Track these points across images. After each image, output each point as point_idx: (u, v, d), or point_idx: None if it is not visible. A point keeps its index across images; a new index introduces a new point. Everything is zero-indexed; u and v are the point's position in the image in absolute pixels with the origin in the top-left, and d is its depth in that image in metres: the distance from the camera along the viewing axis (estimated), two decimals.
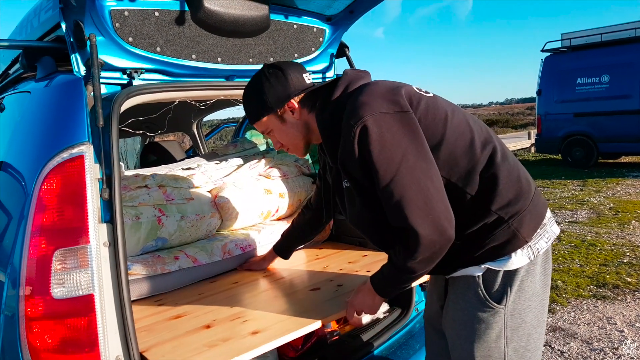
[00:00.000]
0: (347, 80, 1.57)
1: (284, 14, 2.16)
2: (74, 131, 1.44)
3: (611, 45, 10.95)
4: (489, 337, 1.51)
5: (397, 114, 1.41)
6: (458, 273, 1.55)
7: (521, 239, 1.47)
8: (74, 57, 1.66)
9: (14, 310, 1.34)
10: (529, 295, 1.51)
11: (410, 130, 1.41)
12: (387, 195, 1.39)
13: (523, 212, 1.48)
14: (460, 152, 1.46)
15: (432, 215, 1.37)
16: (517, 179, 1.50)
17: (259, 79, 1.62)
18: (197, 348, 1.50)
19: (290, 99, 1.60)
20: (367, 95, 1.45)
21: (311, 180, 2.87)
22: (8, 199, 1.57)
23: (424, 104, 1.49)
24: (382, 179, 1.38)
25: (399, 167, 1.37)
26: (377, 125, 1.38)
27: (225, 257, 2.23)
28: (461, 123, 1.50)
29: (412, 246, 1.39)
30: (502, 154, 1.50)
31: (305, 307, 1.78)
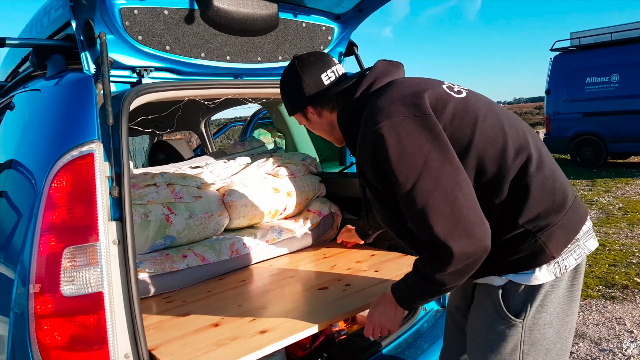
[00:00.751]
0: (374, 77, 1.50)
1: (293, 12, 2.16)
2: (84, 129, 1.45)
3: (621, 45, 10.85)
4: (503, 350, 1.44)
5: (417, 117, 1.33)
6: (480, 280, 1.49)
7: (548, 254, 1.37)
8: (84, 56, 1.66)
9: (23, 308, 1.35)
10: (550, 311, 1.42)
11: (432, 134, 1.31)
12: (410, 205, 1.31)
13: (553, 226, 1.37)
14: (490, 159, 1.36)
15: (462, 224, 1.27)
16: (551, 191, 1.39)
17: (283, 77, 1.63)
18: (206, 347, 1.50)
19: (305, 107, 1.59)
20: (385, 99, 1.38)
21: (318, 179, 2.86)
22: (18, 197, 1.58)
23: (452, 107, 1.39)
24: (403, 187, 1.30)
25: (421, 174, 1.28)
26: (395, 130, 1.30)
27: (233, 256, 2.24)
28: (494, 127, 1.39)
29: (443, 258, 1.29)
30: (537, 162, 1.39)
31: (313, 306, 1.78)
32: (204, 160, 2.76)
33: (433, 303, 2.38)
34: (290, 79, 1.59)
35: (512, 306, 1.42)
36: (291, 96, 1.61)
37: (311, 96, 1.56)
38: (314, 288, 1.98)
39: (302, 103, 1.58)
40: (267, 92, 2.18)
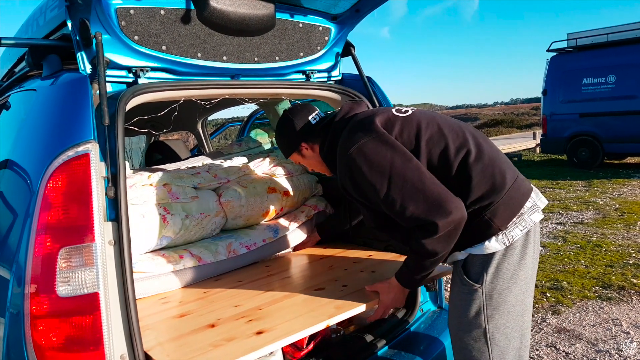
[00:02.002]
0: (344, 112, 1.87)
1: (290, 12, 2.16)
2: (80, 129, 1.44)
3: (617, 46, 10.89)
4: (469, 313, 1.70)
5: (373, 138, 1.66)
6: (448, 259, 1.79)
7: (495, 227, 1.65)
8: (79, 56, 1.66)
9: (19, 308, 1.35)
10: (507, 277, 1.68)
11: (389, 145, 1.65)
12: (390, 204, 1.62)
13: (496, 203, 1.65)
14: (436, 157, 1.68)
15: (436, 202, 1.57)
16: (491, 176, 1.67)
17: (278, 126, 2.01)
18: (202, 347, 1.50)
19: (300, 143, 1.96)
20: (348, 132, 1.74)
21: (315, 178, 2.86)
22: (14, 197, 1.57)
23: (399, 125, 1.72)
24: (380, 192, 1.62)
25: (391, 176, 1.60)
26: (361, 152, 1.64)
27: (230, 256, 2.23)
28: (435, 133, 1.71)
29: (430, 230, 1.57)
30: (476, 155, 1.68)
31: (311, 307, 1.78)
32: (201, 161, 2.76)
33: (430, 304, 2.38)
34: (284, 125, 1.98)
35: (471, 274, 1.71)
36: (287, 138, 1.98)
37: (303, 133, 1.94)
38: (311, 289, 1.98)
39: (297, 140, 1.95)
40: (264, 93, 2.18)
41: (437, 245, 1.60)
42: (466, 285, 1.71)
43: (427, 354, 2.05)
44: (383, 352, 2.03)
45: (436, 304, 2.40)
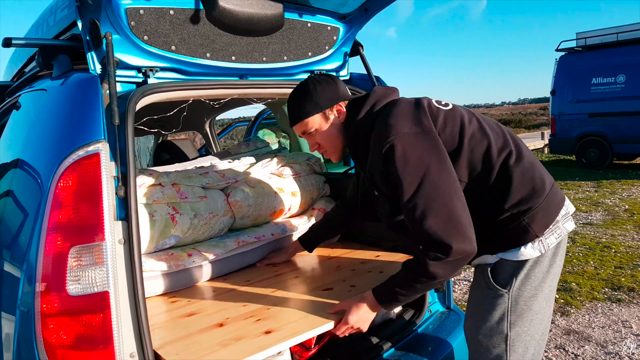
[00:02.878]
0: (375, 99, 1.72)
1: (298, 12, 2.16)
2: (90, 129, 1.45)
3: (627, 45, 10.80)
4: (492, 318, 1.66)
5: (419, 134, 1.55)
6: (476, 261, 1.71)
7: (532, 233, 1.59)
8: (89, 56, 1.67)
9: (29, 307, 1.35)
10: (535, 284, 1.63)
11: (432, 148, 1.54)
12: (411, 208, 1.50)
13: (535, 209, 1.59)
14: (478, 157, 1.60)
15: (456, 225, 1.48)
16: (531, 179, 1.61)
17: (309, 82, 1.76)
18: (210, 347, 1.50)
19: (340, 101, 1.76)
20: (393, 118, 1.59)
21: (323, 179, 2.86)
22: (24, 196, 1.58)
23: (442, 118, 1.63)
24: (407, 191, 1.50)
25: (423, 180, 1.49)
26: (402, 144, 1.51)
27: (240, 244, 2.24)
28: (478, 131, 1.63)
29: (441, 252, 1.47)
30: (516, 157, 1.62)
31: (319, 307, 1.78)
32: (209, 160, 2.77)
33: (438, 304, 2.37)
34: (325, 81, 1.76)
35: (499, 278, 1.65)
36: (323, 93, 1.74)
37: (344, 96, 1.78)
38: (319, 289, 1.98)
39: (333, 98, 1.75)
40: (272, 93, 2.18)
41: (440, 270, 1.50)
42: (492, 290, 1.66)
43: (435, 355, 2.04)
44: (391, 352, 2.02)
45: (444, 305, 2.39)
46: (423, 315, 2.25)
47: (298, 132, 1.80)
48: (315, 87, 1.73)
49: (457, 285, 4.55)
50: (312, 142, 1.81)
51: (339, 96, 1.75)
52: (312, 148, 1.83)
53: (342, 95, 1.76)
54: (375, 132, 1.61)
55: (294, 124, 1.79)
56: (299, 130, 1.80)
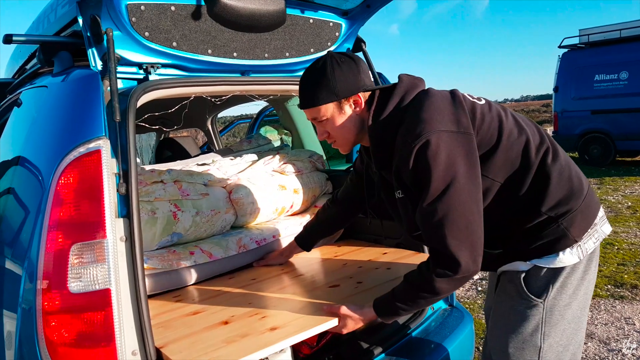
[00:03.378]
0: (404, 90, 1.55)
1: (300, 8, 2.15)
2: (91, 126, 1.44)
3: (630, 42, 10.75)
4: (524, 330, 1.54)
5: (456, 133, 1.42)
6: (505, 267, 1.59)
7: (571, 238, 1.49)
8: (90, 52, 1.66)
9: (31, 304, 1.35)
10: (570, 292, 1.52)
11: (466, 152, 1.42)
12: (430, 213, 1.40)
13: (574, 211, 1.49)
14: (516, 154, 1.49)
15: (470, 240, 1.40)
16: (568, 179, 1.51)
17: (328, 64, 1.55)
18: (215, 344, 1.50)
19: (360, 91, 1.57)
20: (428, 112, 1.44)
21: (325, 176, 2.85)
22: (25, 194, 1.58)
23: (480, 113, 1.50)
24: (430, 195, 1.39)
25: (448, 187, 1.38)
26: (435, 142, 1.38)
27: (240, 251, 2.23)
28: (513, 128, 1.52)
29: (449, 267, 1.40)
30: (553, 154, 1.51)
31: (320, 304, 1.77)
32: (211, 158, 2.76)
33: (441, 302, 2.36)
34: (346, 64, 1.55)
35: (533, 287, 1.52)
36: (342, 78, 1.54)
37: (366, 86, 1.58)
38: (326, 286, 1.97)
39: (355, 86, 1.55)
40: (274, 89, 2.17)
41: (445, 285, 1.43)
42: (526, 300, 1.53)
43: (438, 352, 2.04)
44: (394, 349, 2.02)
45: (447, 302, 2.38)
46: (426, 313, 2.25)
47: (307, 116, 1.64)
48: (333, 71, 1.53)
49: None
50: (321, 130, 1.65)
51: (358, 86, 1.56)
52: (320, 136, 1.67)
53: (363, 85, 1.57)
54: (405, 127, 1.45)
55: (304, 108, 1.62)
56: (308, 115, 1.63)
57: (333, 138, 1.65)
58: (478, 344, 3.33)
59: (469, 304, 4.04)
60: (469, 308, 3.95)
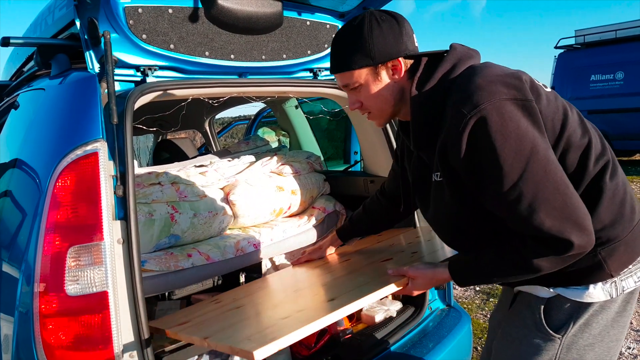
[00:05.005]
0: (456, 58, 1.33)
1: (297, 10, 2.15)
2: (88, 128, 1.44)
3: (626, 42, 10.78)
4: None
5: (519, 100, 1.19)
6: (524, 288, 1.39)
7: (607, 272, 1.27)
8: (88, 54, 1.66)
9: (28, 307, 1.35)
10: (595, 333, 1.31)
11: (534, 120, 1.19)
12: (515, 197, 1.17)
13: (617, 241, 1.27)
14: (573, 159, 1.26)
15: (574, 217, 1.16)
16: (621, 203, 1.29)
17: (366, 22, 1.34)
18: (271, 322, 1.38)
19: (400, 56, 1.35)
20: (484, 78, 1.22)
21: (323, 177, 2.86)
22: (23, 196, 1.58)
23: (545, 98, 1.28)
24: (508, 176, 1.16)
25: (529, 161, 1.15)
26: (498, 113, 1.16)
27: (238, 254, 2.23)
28: (577, 127, 1.29)
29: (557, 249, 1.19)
30: (612, 170, 1.29)
31: (381, 273, 1.64)
32: (209, 159, 2.76)
33: (439, 302, 2.37)
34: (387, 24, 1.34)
35: (553, 321, 1.32)
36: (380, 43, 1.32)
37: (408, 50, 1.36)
38: (378, 261, 1.84)
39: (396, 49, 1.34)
40: (272, 91, 2.18)
41: (547, 264, 1.21)
42: (542, 333, 1.33)
43: (436, 352, 2.04)
44: (391, 350, 2.02)
45: (445, 302, 2.39)
46: (423, 313, 2.25)
47: (339, 82, 1.44)
48: (371, 31, 1.32)
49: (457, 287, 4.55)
50: (353, 99, 1.44)
51: (399, 50, 1.34)
52: (352, 106, 1.46)
53: (405, 49, 1.35)
54: (456, 97, 1.23)
55: (335, 72, 1.42)
56: (340, 81, 1.43)
57: (366, 109, 1.44)
58: (476, 344, 3.34)
59: (467, 304, 4.05)
60: (466, 308, 3.96)
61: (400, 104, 1.41)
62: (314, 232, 2.60)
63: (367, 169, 2.64)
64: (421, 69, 1.35)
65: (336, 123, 4.97)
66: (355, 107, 1.45)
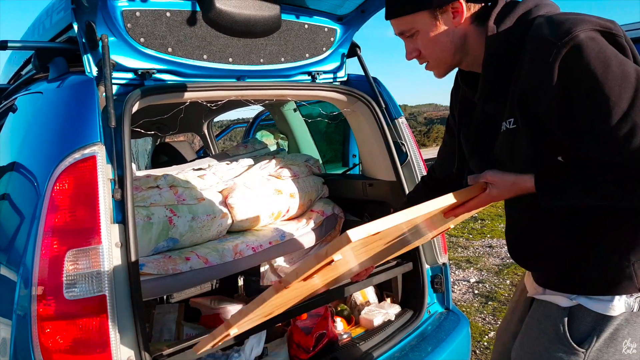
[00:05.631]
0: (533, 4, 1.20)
1: (295, 13, 2.16)
2: (86, 132, 1.44)
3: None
4: None
5: (612, 35, 1.06)
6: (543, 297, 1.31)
7: (635, 284, 1.16)
8: (85, 58, 1.66)
9: (26, 311, 1.35)
10: (621, 349, 1.21)
11: (628, 54, 1.08)
12: (628, 129, 1.00)
13: None
14: None
15: None
16: None
17: None
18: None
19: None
20: (571, 14, 1.10)
21: (321, 180, 2.86)
22: (20, 200, 1.58)
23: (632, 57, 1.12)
24: (616, 106, 1.00)
25: (638, 87, 1.00)
26: (593, 40, 1.03)
27: (236, 257, 2.23)
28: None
29: None
30: None
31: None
32: (207, 162, 2.76)
33: (437, 305, 2.36)
34: None
35: (575, 332, 1.23)
36: None
37: None
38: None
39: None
40: (270, 94, 2.18)
41: None
42: (565, 346, 1.22)
43: (434, 355, 2.04)
44: (389, 354, 2.02)
45: (443, 305, 2.38)
46: (422, 316, 2.25)
47: (395, 29, 1.31)
48: None
49: (457, 285, 4.54)
50: (410, 47, 1.31)
51: None
52: (409, 55, 1.33)
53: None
54: (539, 31, 1.09)
55: (389, 18, 1.30)
56: (395, 28, 1.31)
57: (425, 58, 1.32)
58: (475, 347, 3.33)
59: (466, 307, 4.04)
60: (465, 312, 3.95)
61: (462, 53, 1.29)
62: (312, 235, 2.60)
63: (365, 172, 2.64)
64: (499, 8, 1.23)
65: (335, 126, 4.98)
66: (413, 57, 1.32)
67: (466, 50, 1.28)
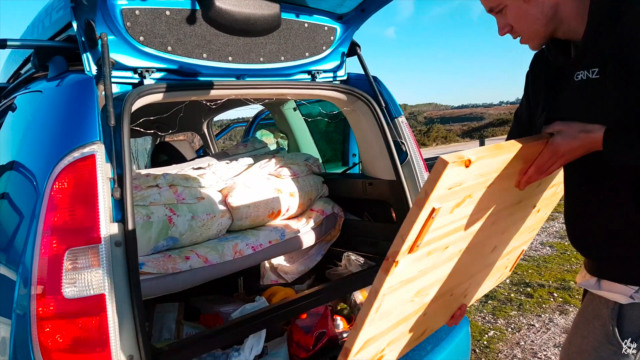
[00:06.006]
0: None
1: (295, 12, 2.15)
2: (85, 130, 1.44)
3: None
4: None
5: None
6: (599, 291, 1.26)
7: None
8: (85, 57, 1.66)
9: (25, 310, 1.34)
10: None
11: None
12: None
13: None
14: None
15: None
16: None
17: None
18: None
19: None
20: None
21: (321, 179, 2.85)
22: (20, 198, 1.57)
23: None
24: None
25: None
26: None
27: (236, 256, 2.23)
28: None
29: None
30: None
31: None
32: (207, 162, 2.76)
33: None
34: None
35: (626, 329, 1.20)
36: None
37: None
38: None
39: None
40: (270, 93, 2.18)
41: None
42: (614, 346, 1.20)
43: (434, 354, 2.04)
44: None
45: None
46: None
47: (485, 6, 1.31)
48: None
49: None
50: (502, 23, 1.30)
51: None
52: (500, 31, 1.32)
53: None
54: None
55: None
56: (485, 5, 1.30)
57: (517, 32, 1.30)
58: (474, 346, 3.33)
59: None
60: None
61: (554, 22, 1.25)
62: (312, 234, 2.60)
63: (365, 171, 2.64)
64: None
65: (334, 125, 4.97)
66: (505, 32, 1.31)
67: (559, 18, 1.24)
